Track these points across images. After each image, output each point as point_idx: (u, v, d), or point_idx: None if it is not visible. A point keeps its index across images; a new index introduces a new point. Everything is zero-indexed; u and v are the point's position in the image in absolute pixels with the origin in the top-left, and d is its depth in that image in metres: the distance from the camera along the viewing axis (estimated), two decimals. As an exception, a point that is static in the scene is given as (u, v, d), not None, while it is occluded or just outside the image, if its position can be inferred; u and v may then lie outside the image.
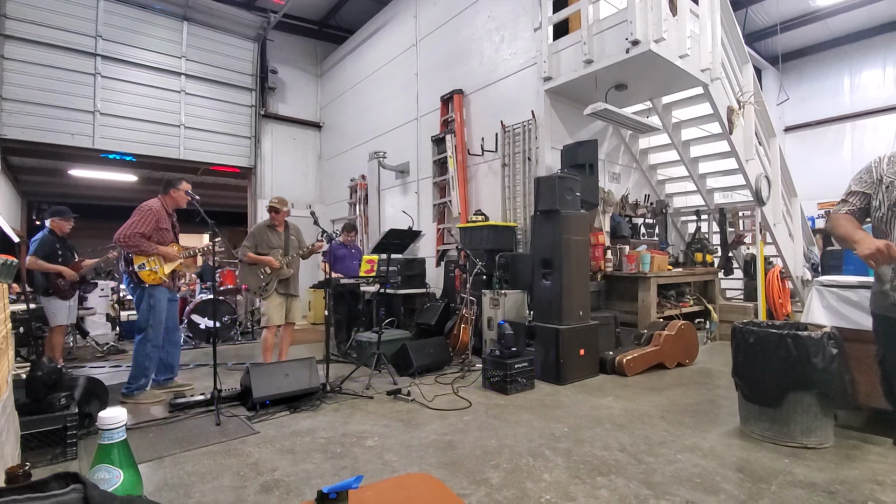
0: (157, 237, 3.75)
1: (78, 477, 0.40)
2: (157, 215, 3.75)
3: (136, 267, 3.65)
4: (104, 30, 7.35)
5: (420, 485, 0.90)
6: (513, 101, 5.59)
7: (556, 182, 4.26)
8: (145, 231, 3.66)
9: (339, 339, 5.78)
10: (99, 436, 0.58)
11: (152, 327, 3.70)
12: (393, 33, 7.74)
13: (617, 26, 4.49)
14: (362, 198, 8.22)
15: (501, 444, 2.72)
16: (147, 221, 3.68)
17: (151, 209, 3.75)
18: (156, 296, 3.73)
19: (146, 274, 3.68)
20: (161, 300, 3.76)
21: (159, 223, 3.75)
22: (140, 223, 3.65)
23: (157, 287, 3.74)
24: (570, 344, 4.09)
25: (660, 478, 2.28)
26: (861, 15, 9.51)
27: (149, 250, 3.67)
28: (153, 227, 3.71)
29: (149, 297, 3.71)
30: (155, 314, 3.72)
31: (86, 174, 9.91)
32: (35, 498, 0.38)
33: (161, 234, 3.78)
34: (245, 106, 8.83)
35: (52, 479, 0.39)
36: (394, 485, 0.90)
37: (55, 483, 0.39)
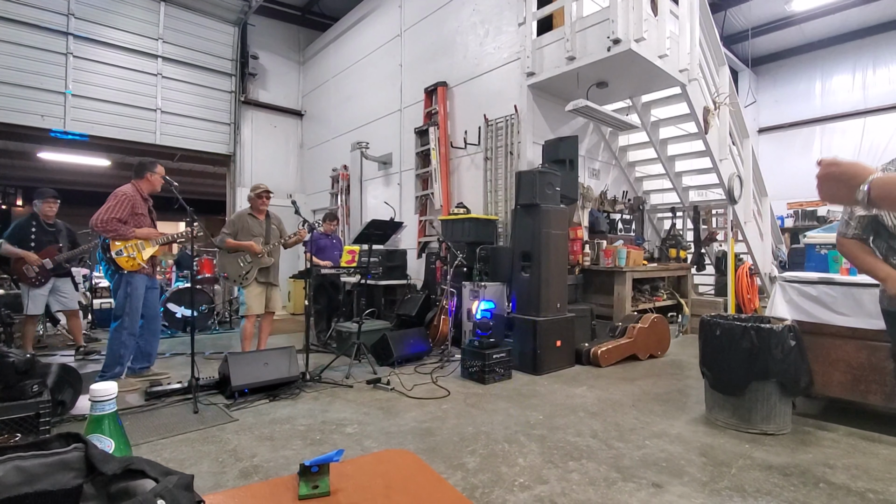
0: (134, 222, 3.69)
1: (79, 437, 0.43)
2: (132, 200, 3.69)
3: (114, 253, 3.60)
4: (77, 7, 7.09)
5: (398, 459, 0.95)
6: (496, 95, 5.63)
7: (537, 177, 4.33)
8: (121, 216, 3.60)
9: (319, 330, 5.78)
10: (90, 408, 0.61)
11: (128, 315, 3.64)
12: (377, 22, 7.68)
13: (599, 24, 4.56)
14: (344, 188, 8.17)
15: (478, 430, 2.80)
16: (122, 206, 3.63)
17: (126, 194, 3.68)
18: (133, 283, 3.67)
19: (124, 260, 3.63)
20: (138, 287, 3.70)
21: (135, 208, 3.69)
22: (116, 208, 3.60)
23: (135, 274, 3.68)
24: (548, 335, 4.19)
25: (628, 462, 2.39)
26: (835, 21, 9.82)
27: (127, 234, 3.62)
28: (129, 212, 3.65)
29: (126, 285, 3.65)
30: (131, 302, 3.66)
31: (56, 157, 9.58)
32: (40, 455, 0.41)
33: (137, 219, 3.72)
34: (224, 91, 8.64)
35: (55, 439, 0.42)
36: (373, 459, 0.94)
37: (58, 442, 0.42)
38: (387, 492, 0.81)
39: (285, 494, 0.81)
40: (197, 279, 6.53)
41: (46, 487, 0.40)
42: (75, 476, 0.41)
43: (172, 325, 6.12)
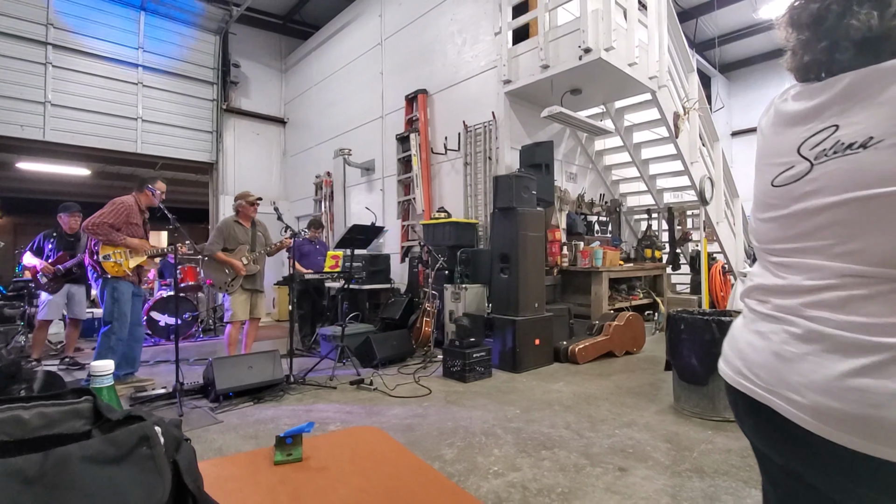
0: (127, 231, 3.79)
1: (89, 391, 0.53)
2: (129, 210, 3.81)
3: (101, 257, 3.67)
4: (56, 18, 7.10)
5: (367, 435, 1.06)
6: (475, 102, 5.78)
7: (514, 181, 4.48)
8: (114, 222, 3.70)
9: (303, 334, 5.83)
10: (91, 381, 0.71)
11: (117, 320, 3.70)
12: (358, 31, 7.81)
13: (571, 34, 4.74)
14: (328, 194, 8.24)
15: (457, 425, 2.91)
16: (118, 213, 3.74)
17: (124, 203, 3.82)
18: (119, 288, 3.74)
19: (110, 265, 3.69)
20: (125, 293, 3.78)
21: (130, 217, 3.81)
22: (110, 214, 3.71)
23: (120, 280, 3.75)
24: (526, 334, 4.32)
25: (598, 449, 2.52)
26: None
27: (116, 240, 3.70)
28: (123, 220, 3.76)
29: (112, 290, 3.73)
30: (119, 307, 3.73)
31: (35, 167, 9.50)
32: (58, 404, 0.51)
33: (131, 228, 3.82)
34: (206, 100, 8.67)
35: (69, 392, 0.52)
36: (343, 434, 1.06)
37: (72, 395, 0.52)
38: (353, 458, 0.92)
39: (263, 462, 0.91)
40: (180, 287, 6.54)
41: (63, 431, 0.50)
42: (85, 423, 0.51)
43: (156, 334, 6.13)
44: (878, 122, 0.63)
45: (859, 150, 0.64)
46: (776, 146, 0.77)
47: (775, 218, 0.76)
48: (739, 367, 0.78)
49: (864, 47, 0.68)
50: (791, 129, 0.75)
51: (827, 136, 0.69)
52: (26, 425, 0.49)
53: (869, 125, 0.64)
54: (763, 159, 0.81)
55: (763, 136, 0.83)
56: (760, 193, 0.81)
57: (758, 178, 0.82)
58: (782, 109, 0.78)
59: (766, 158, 0.80)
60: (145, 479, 0.43)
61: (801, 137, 0.72)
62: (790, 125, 0.75)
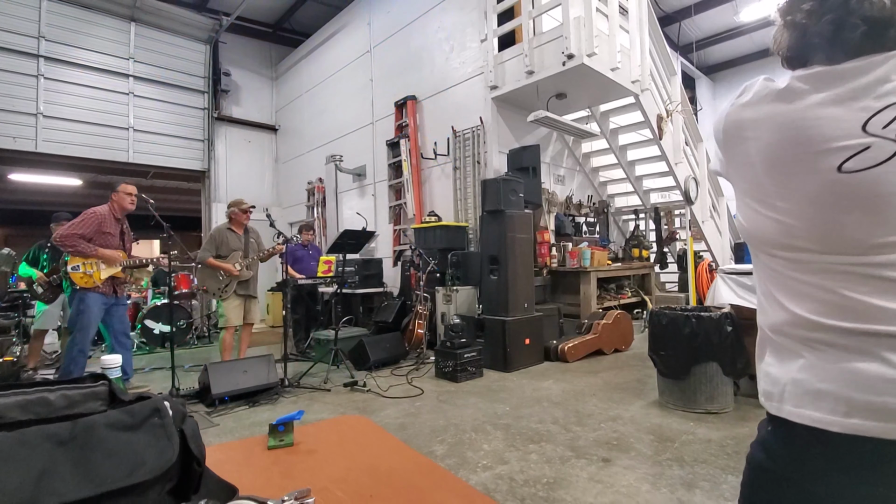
0: (100, 241, 3.72)
1: (105, 376, 0.62)
2: (101, 219, 3.75)
3: (70, 268, 3.61)
4: (47, 30, 7.14)
5: (355, 423, 1.15)
6: (463, 107, 5.89)
7: (501, 184, 4.59)
8: (84, 233, 3.65)
9: (297, 339, 5.89)
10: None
11: (80, 332, 3.65)
12: (348, 39, 7.91)
13: (555, 41, 4.87)
14: (320, 200, 8.32)
15: (448, 423, 2.99)
16: (88, 223, 3.68)
17: (95, 213, 3.76)
18: (86, 301, 3.67)
19: (79, 276, 3.63)
20: (91, 306, 3.69)
21: (102, 227, 3.74)
22: (80, 224, 3.67)
23: (89, 292, 3.68)
24: (516, 334, 4.41)
25: (583, 442, 2.62)
26: (780, 30, 10.45)
27: (87, 251, 3.64)
28: (94, 230, 3.70)
29: (79, 302, 3.66)
30: (82, 319, 3.65)
31: (27, 178, 9.50)
32: (78, 387, 0.60)
33: (104, 237, 3.75)
34: (197, 108, 8.73)
35: (88, 377, 0.60)
36: (332, 422, 1.15)
37: (90, 379, 0.61)
38: (341, 442, 1.01)
39: (257, 447, 1.00)
40: (174, 295, 6.58)
41: (82, 411, 0.59)
42: (102, 404, 0.60)
43: (151, 342, 6.16)
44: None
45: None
46: (824, 131, 0.65)
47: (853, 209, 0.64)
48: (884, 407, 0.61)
49: (872, 29, 0.64)
50: (833, 111, 0.65)
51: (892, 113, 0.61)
52: (52, 405, 0.57)
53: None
54: (800, 149, 0.67)
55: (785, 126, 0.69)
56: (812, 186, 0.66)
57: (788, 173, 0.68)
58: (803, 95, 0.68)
59: (805, 146, 0.66)
60: (157, 443, 0.52)
61: (860, 117, 0.62)
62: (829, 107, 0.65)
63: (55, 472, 0.45)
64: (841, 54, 0.67)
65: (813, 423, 0.66)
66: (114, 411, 0.53)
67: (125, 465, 0.48)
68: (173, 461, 0.51)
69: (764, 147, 0.70)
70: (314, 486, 0.75)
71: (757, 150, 0.71)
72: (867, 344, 0.63)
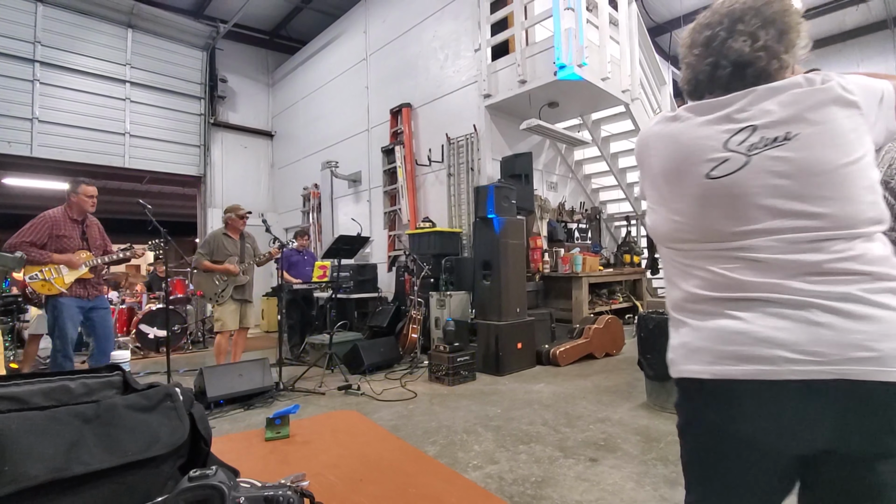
0: (55, 245, 3.55)
1: (119, 366, 0.68)
2: (51, 222, 3.56)
3: (27, 278, 3.42)
4: (43, 35, 7.19)
5: (347, 417, 1.22)
6: (457, 115, 5.99)
7: (494, 191, 4.67)
8: (34, 239, 3.45)
9: (292, 344, 5.93)
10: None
11: (58, 338, 3.57)
12: (344, 47, 8.01)
13: (546, 51, 4.98)
14: (315, 206, 8.38)
15: (440, 425, 3.04)
16: (37, 229, 3.49)
17: (45, 217, 3.57)
18: (58, 307, 3.53)
19: (38, 285, 3.43)
20: (64, 311, 3.55)
21: (54, 230, 3.55)
22: (28, 231, 3.46)
23: (59, 297, 3.53)
24: (509, 338, 4.48)
25: (572, 443, 2.68)
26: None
27: (40, 259, 3.44)
28: (45, 235, 3.51)
29: (52, 308, 3.55)
30: (58, 325, 3.54)
31: (21, 182, 9.50)
32: (96, 376, 0.66)
33: (59, 241, 3.55)
34: (193, 114, 8.79)
35: (105, 368, 0.67)
36: (326, 417, 1.21)
37: (106, 370, 0.67)
38: (333, 433, 1.07)
39: (255, 439, 1.06)
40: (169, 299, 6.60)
41: (99, 398, 0.65)
42: (116, 392, 0.66)
43: (145, 346, 6.17)
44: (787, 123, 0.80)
45: (784, 142, 0.80)
46: (696, 148, 0.86)
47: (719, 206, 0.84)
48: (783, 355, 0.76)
49: (736, 68, 0.87)
50: (708, 134, 0.85)
51: (749, 134, 0.82)
52: (72, 392, 0.63)
53: (782, 125, 0.81)
54: (682, 162, 0.88)
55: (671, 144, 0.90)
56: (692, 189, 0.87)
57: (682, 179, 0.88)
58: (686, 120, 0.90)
59: (685, 160, 0.88)
60: (170, 423, 0.58)
61: (722, 138, 0.84)
62: (706, 130, 0.86)
63: (83, 444, 0.51)
64: (718, 89, 0.89)
65: (693, 375, 0.83)
66: (132, 395, 0.59)
67: (142, 440, 0.54)
68: (184, 439, 0.57)
69: (661, 160, 0.92)
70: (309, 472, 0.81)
71: (657, 162, 0.92)
72: (729, 307, 0.82)
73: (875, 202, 0.78)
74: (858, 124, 0.80)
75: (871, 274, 0.76)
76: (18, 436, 0.47)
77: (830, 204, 0.77)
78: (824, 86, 0.81)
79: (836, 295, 0.75)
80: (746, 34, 0.86)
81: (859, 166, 0.78)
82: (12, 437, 0.48)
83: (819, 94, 0.80)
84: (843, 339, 0.73)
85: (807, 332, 0.75)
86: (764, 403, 0.78)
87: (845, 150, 0.78)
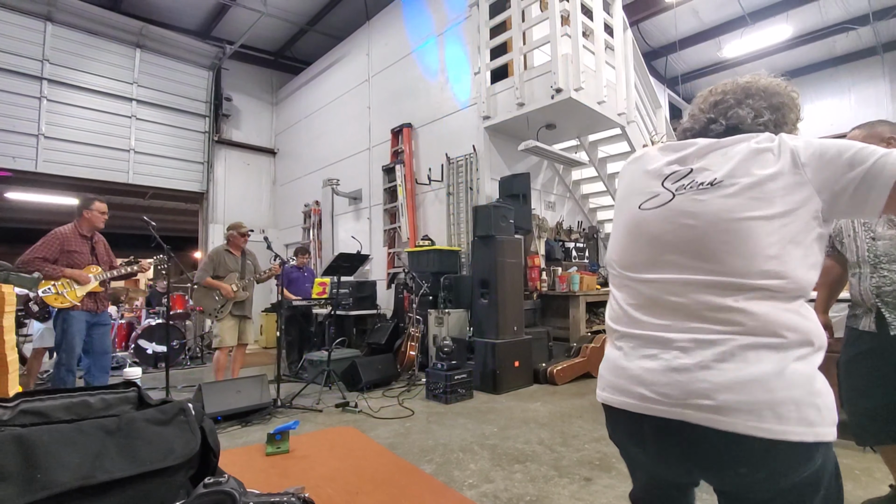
0: (66, 260, 3.68)
1: (135, 383, 0.73)
2: (62, 238, 3.70)
3: (41, 292, 3.55)
4: (52, 54, 7.35)
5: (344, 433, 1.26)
6: (456, 135, 6.11)
7: (492, 210, 4.75)
8: (47, 255, 3.59)
9: (290, 360, 5.94)
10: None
11: (65, 351, 3.65)
12: (347, 68, 8.19)
13: (544, 75, 5.12)
14: (316, 223, 8.46)
15: (437, 443, 3.06)
16: (49, 245, 3.63)
17: (56, 233, 3.71)
18: (68, 319, 3.65)
19: (52, 298, 3.58)
20: (73, 324, 3.66)
21: (65, 246, 3.69)
22: (40, 247, 3.61)
23: (70, 311, 3.65)
24: (506, 356, 4.51)
25: (567, 462, 2.70)
26: (763, 65, 10.81)
27: (53, 274, 3.59)
28: (57, 251, 3.65)
29: (62, 321, 3.65)
30: (66, 338, 3.64)
31: (24, 197, 9.59)
32: (114, 392, 0.71)
33: (70, 256, 3.70)
34: (198, 132, 8.93)
35: (122, 384, 0.72)
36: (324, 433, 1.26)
37: (122, 386, 0.72)
38: (331, 448, 1.12)
39: (256, 454, 1.11)
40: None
41: (116, 413, 0.70)
42: (132, 407, 0.71)
43: (144, 362, 6.17)
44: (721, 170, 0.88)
45: (708, 187, 0.87)
46: (643, 182, 0.97)
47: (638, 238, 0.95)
48: (643, 393, 0.85)
49: (729, 130, 0.97)
50: (656, 170, 0.97)
51: (684, 175, 0.91)
52: (92, 407, 0.68)
53: (715, 172, 0.88)
54: (630, 193, 1.00)
55: (631, 177, 1.03)
56: (626, 218, 0.98)
57: (624, 207, 1.00)
58: (650, 157, 1.01)
59: (633, 191, 0.99)
60: (184, 435, 0.63)
61: (664, 175, 0.94)
62: (656, 167, 0.97)
63: (106, 454, 0.56)
64: (688, 137, 1.04)
65: (599, 400, 0.98)
66: (150, 409, 0.64)
67: (159, 451, 0.59)
68: (196, 450, 0.62)
69: (621, 189, 1.06)
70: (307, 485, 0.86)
71: (619, 191, 1.07)
72: (620, 340, 0.94)
73: (777, 257, 0.79)
74: (790, 183, 0.82)
75: (743, 327, 0.78)
76: (49, 446, 0.53)
77: (725, 254, 0.81)
78: (771, 144, 0.87)
79: (701, 342, 0.80)
80: (752, 108, 0.97)
81: (773, 222, 0.80)
82: (44, 447, 0.53)
83: (764, 152, 0.86)
84: (690, 386, 0.78)
85: (665, 374, 0.82)
86: (634, 433, 0.90)
87: (760, 205, 0.81)
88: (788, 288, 0.80)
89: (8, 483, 0.50)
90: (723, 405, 0.75)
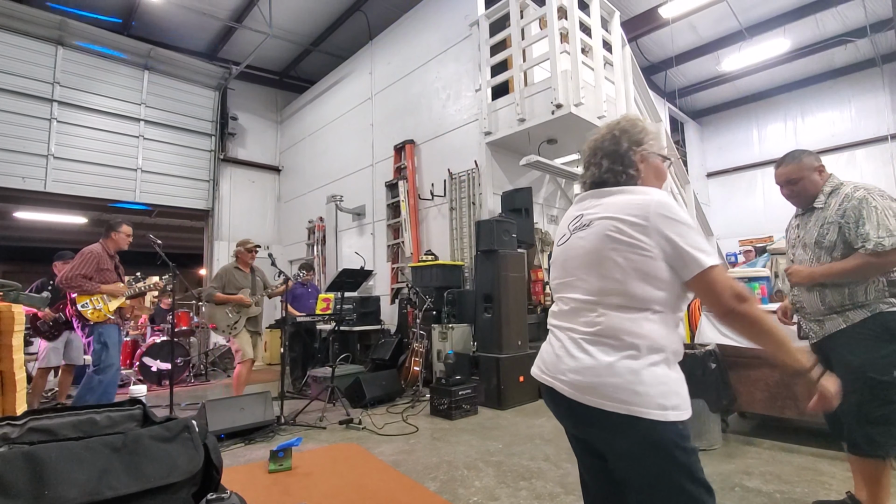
0: (100, 278, 3.92)
1: (140, 400, 0.74)
2: (98, 257, 3.95)
3: (80, 306, 3.79)
4: (62, 76, 7.52)
5: (347, 450, 1.26)
6: (458, 151, 6.18)
7: (494, 225, 4.78)
8: (87, 272, 3.85)
9: (294, 377, 5.92)
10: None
11: (109, 366, 3.78)
12: (350, 86, 8.33)
13: (544, 91, 5.19)
14: (320, 239, 8.51)
15: (441, 460, 3.03)
16: (88, 263, 3.88)
17: (92, 252, 3.96)
18: (105, 332, 3.84)
19: (90, 312, 3.81)
20: (112, 336, 3.88)
21: (100, 264, 3.94)
22: (81, 266, 3.86)
23: (104, 324, 3.86)
24: (510, 371, 4.48)
25: (573, 479, 2.66)
26: (763, 77, 11.00)
27: (92, 290, 3.84)
28: (94, 269, 3.90)
29: (99, 335, 3.82)
30: (109, 351, 3.81)
31: (33, 216, 9.72)
32: (119, 410, 0.72)
33: (103, 274, 3.95)
34: (204, 150, 9.06)
35: (128, 402, 0.73)
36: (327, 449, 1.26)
37: (128, 404, 0.73)
38: (334, 465, 1.12)
39: (259, 471, 1.11)
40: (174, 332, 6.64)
41: (121, 430, 0.72)
42: (137, 424, 0.72)
43: (148, 379, 6.17)
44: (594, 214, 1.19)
45: (584, 228, 1.19)
46: (564, 223, 1.33)
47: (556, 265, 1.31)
48: (542, 367, 1.25)
49: (594, 185, 1.27)
50: (572, 212, 1.31)
51: (579, 219, 1.24)
52: (98, 424, 0.70)
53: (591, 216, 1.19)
54: (559, 231, 1.35)
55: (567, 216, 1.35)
56: (555, 248, 1.33)
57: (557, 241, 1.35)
58: (575, 203, 1.34)
59: (560, 231, 1.34)
60: (188, 452, 0.64)
61: (572, 217, 1.28)
62: (573, 210, 1.31)
63: (112, 471, 0.57)
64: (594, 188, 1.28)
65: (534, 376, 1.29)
66: (155, 427, 0.65)
67: (164, 468, 0.60)
68: (199, 467, 0.63)
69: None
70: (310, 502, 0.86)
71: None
72: (549, 332, 1.30)
73: (620, 280, 1.09)
74: (636, 229, 1.09)
75: (594, 329, 1.12)
76: (58, 463, 0.54)
77: (587, 277, 1.16)
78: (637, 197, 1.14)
79: (570, 339, 1.16)
80: (594, 165, 1.26)
81: (621, 255, 1.10)
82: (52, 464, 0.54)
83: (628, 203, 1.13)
84: (558, 365, 1.17)
85: (551, 356, 1.21)
86: (545, 396, 1.25)
87: (611, 242, 1.11)
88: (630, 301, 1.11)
89: (17, 499, 0.52)
90: (569, 381, 1.12)
